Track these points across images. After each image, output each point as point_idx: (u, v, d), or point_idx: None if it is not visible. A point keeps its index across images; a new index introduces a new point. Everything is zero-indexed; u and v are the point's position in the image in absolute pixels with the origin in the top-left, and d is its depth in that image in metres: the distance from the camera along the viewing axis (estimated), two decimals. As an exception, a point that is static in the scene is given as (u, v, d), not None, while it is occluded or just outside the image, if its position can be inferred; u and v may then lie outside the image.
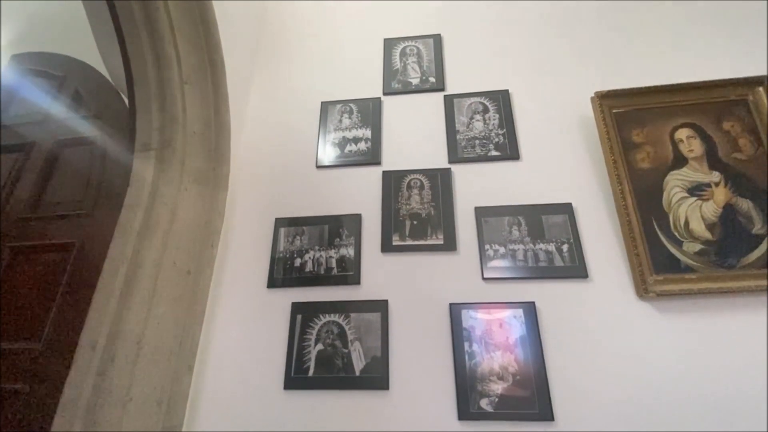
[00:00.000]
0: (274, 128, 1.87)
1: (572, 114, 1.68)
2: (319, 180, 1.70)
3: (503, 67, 1.86)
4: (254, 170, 1.77)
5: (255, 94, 1.98)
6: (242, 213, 1.67)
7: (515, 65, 1.86)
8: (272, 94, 1.97)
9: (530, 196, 1.54)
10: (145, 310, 1.30)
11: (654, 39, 1.78)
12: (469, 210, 1.55)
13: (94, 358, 1.20)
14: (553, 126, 1.68)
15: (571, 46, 1.85)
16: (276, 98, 1.96)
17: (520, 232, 1.48)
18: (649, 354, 1.27)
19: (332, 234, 1.56)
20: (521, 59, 1.86)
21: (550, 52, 1.85)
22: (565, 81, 1.77)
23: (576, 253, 1.42)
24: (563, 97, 1.73)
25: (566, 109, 1.70)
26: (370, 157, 1.71)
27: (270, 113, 1.92)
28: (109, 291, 1.27)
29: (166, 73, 1.49)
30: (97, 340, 1.22)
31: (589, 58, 1.80)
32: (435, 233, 1.51)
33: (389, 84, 1.90)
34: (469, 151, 1.67)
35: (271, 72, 2.04)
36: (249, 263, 1.56)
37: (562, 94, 1.74)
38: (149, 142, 1.48)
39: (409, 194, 1.61)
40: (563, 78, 1.78)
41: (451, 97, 1.81)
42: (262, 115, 1.91)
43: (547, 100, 1.74)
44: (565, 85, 1.76)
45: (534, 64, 1.84)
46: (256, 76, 2.03)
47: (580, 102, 1.68)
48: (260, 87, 2.00)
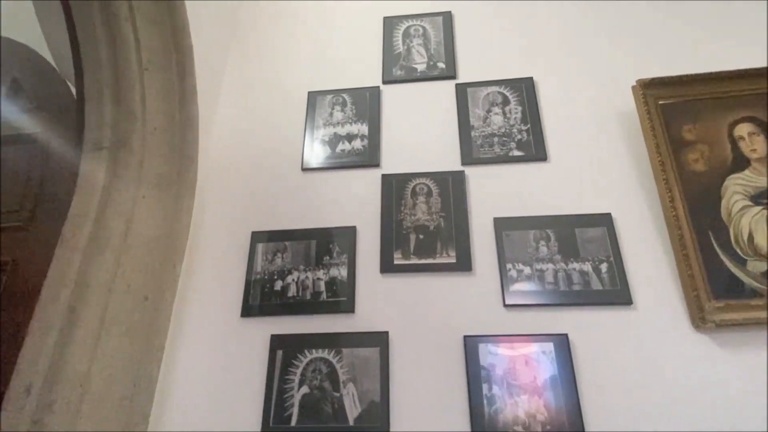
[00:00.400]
0: (251, 124, 1.87)
1: (610, 106, 1.69)
2: (305, 185, 1.70)
3: (526, 50, 1.87)
4: (227, 174, 1.76)
5: (229, 84, 1.98)
6: (212, 225, 1.67)
7: (541, 48, 1.86)
8: (249, 83, 1.98)
9: (561, 205, 1.54)
10: (91, 345, 1.28)
11: (708, 18, 1.79)
12: (487, 222, 1.55)
13: (28, 404, 1.17)
14: (587, 120, 1.68)
15: (608, 26, 1.86)
16: (254, 88, 1.96)
17: (549, 249, 1.47)
18: (707, 397, 1.25)
19: (321, 251, 1.56)
20: (548, 41, 1.87)
21: (583, 33, 1.86)
22: (601, 67, 1.77)
23: (617, 274, 1.41)
24: (599, 86, 1.74)
25: (602, 101, 1.70)
26: (367, 158, 1.71)
27: (247, 106, 1.92)
28: (48, 320, 1.25)
29: (123, 57, 1.49)
30: (33, 381, 1.19)
31: (629, 40, 1.81)
32: (446, 250, 1.51)
33: (390, 70, 1.90)
34: (486, 150, 1.67)
35: (248, 57, 2.05)
36: (219, 287, 1.56)
37: (597, 82, 1.75)
38: (101, 140, 1.47)
39: (414, 202, 1.60)
40: (598, 63, 1.78)
41: (464, 86, 1.81)
42: (238, 108, 1.92)
43: (580, 90, 1.74)
44: (600, 72, 1.76)
45: (563, 47, 1.85)
46: (231, 63, 2.04)
47: (620, 92, 1.68)
48: (235, 75, 2.01)
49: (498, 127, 1.71)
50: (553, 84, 1.78)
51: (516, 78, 1.80)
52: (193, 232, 1.63)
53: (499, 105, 1.75)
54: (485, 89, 1.79)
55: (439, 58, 1.90)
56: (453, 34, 1.95)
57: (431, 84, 1.85)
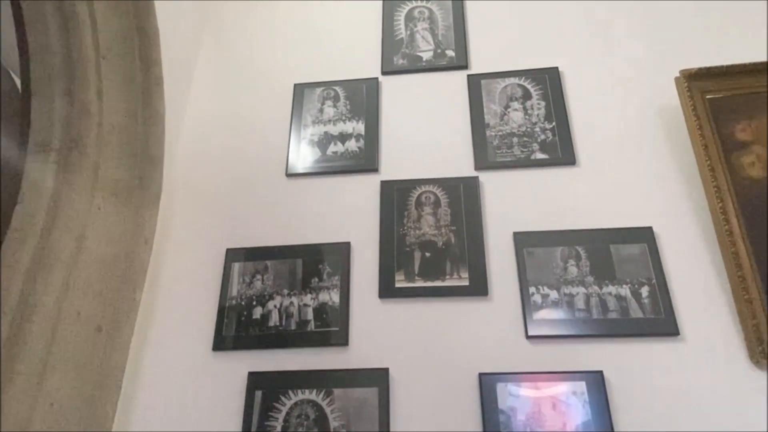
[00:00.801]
0: (226, 121, 1.88)
1: (649, 101, 1.70)
2: (290, 194, 1.70)
3: (551, 36, 1.89)
4: (198, 181, 1.77)
5: (201, 75, 2.00)
6: (179, 241, 1.66)
7: (567, 33, 1.88)
8: (225, 73, 1.99)
9: (593, 218, 1.54)
10: (33, 386, 1.26)
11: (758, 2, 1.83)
12: (506, 236, 1.54)
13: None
14: (623, 118, 1.69)
15: (646, 8, 1.88)
16: (230, 79, 1.98)
17: (579, 269, 1.46)
18: (771, 447, 1.23)
19: (308, 272, 1.55)
20: (575, 25, 1.89)
21: (616, 16, 1.88)
22: (638, 55, 1.79)
23: (661, 299, 1.40)
24: (636, 77, 1.75)
25: (640, 94, 1.71)
26: (364, 162, 1.72)
27: (221, 101, 1.93)
28: (-19, 355, 1.24)
29: (76, 42, 1.50)
30: (-39, 430, 1.18)
31: (671, 25, 1.83)
32: (457, 270, 1.50)
33: (390, 59, 1.92)
34: (505, 152, 1.67)
35: (223, 44, 2.07)
36: (187, 315, 1.55)
37: (634, 73, 1.76)
38: (49, 141, 1.48)
39: (420, 214, 1.60)
40: (635, 51, 1.80)
41: (478, 77, 1.82)
42: (211, 103, 1.93)
43: (614, 82, 1.76)
44: (638, 61, 1.78)
45: (594, 32, 1.87)
46: (204, 50, 2.06)
47: (660, 84, 1.69)
48: (209, 64, 2.02)
49: (518, 125, 1.71)
50: (582, 75, 1.79)
51: (538, 68, 1.81)
52: (157, 249, 1.63)
53: (519, 100, 1.76)
54: (502, 81, 1.81)
55: (447, 44, 1.92)
56: (464, 17, 1.97)
57: (439, 75, 1.86)
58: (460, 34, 1.93)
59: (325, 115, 1.83)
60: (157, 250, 1.63)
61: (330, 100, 1.86)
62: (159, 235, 1.64)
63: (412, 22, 1.99)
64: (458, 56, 1.88)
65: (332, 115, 1.83)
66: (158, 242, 1.63)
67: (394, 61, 1.91)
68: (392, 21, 2.00)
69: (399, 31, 1.98)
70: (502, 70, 1.83)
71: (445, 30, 1.95)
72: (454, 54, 1.89)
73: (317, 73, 1.93)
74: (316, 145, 1.77)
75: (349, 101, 1.84)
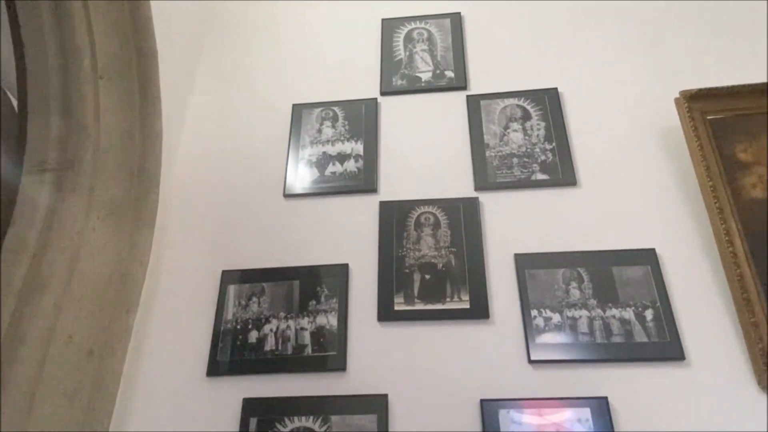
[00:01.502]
0: (224, 142, 1.91)
1: (650, 121, 1.74)
2: (287, 215, 1.72)
3: (550, 56, 1.94)
4: (194, 201, 1.79)
5: (199, 95, 2.03)
6: (174, 263, 1.68)
7: (567, 54, 1.93)
8: (223, 93, 2.03)
9: (594, 239, 1.56)
10: (23, 411, 1.26)
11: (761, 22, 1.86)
12: (507, 258, 1.56)
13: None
14: (623, 138, 1.73)
15: (645, 28, 1.94)
16: (229, 100, 2.01)
17: (582, 292, 1.48)
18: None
19: (305, 294, 1.56)
20: (575, 46, 1.95)
21: (616, 37, 1.94)
22: (638, 76, 1.84)
23: (665, 322, 1.41)
24: (636, 98, 1.80)
25: (641, 115, 1.76)
26: (362, 182, 1.74)
27: (219, 121, 1.96)
28: (-30, 379, 1.24)
29: (75, 62, 1.53)
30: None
31: (671, 46, 1.88)
32: (457, 293, 1.51)
33: (389, 80, 1.96)
34: (505, 173, 1.70)
35: (222, 64, 2.11)
36: (181, 338, 1.55)
37: (633, 93, 1.81)
38: (45, 160, 1.49)
39: (419, 235, 1.62)
40: (635, 72, 1.85)
41: (477, 97, 1.87)
42: (209, 123, 1.96)
43: (614, 103, 1.80)
44: (637, 82, 1.83)
45: (593, 53, 1.92)
46: (202, 70, 2.10)
47: (660, 105, 1.73)
48: (207, 85, 2.06)
49: (518, 146, 1.75)
50: (582, 96, 1.83)
51: (538, 89, 1.85)
52: (152, 271, 1.63)
53: (519, 120, 1.80)
54: (502, 102, 1.84)
55: (446, 65, 1.96)
56: (463, 39, 2.02)
57: (438, 96, 1.91)
58: (459, 54, 1.97)
59: (324, 136, 1.86)
60: (151, 271, 1.62)
61: (329, 120, 1.89)
62: (154, 256, 1.64)
63: (411, 43, 2.03)
64: (457, 77, 1.93)
65: (331, 135, 1.85)
66: (153, 263, 1.63)
67: (393, 81, 1.95)
68: (391, 42, 2.04)
69: (398, 52, 2.02)
70: (501, 90, 1.87)
71: (444, 51, 1.99)
72: (453, 75, 1.93)
73: (316, 94, 1.96)
74: (314, 166, 1.80)
75: (348, 122, 1.87)
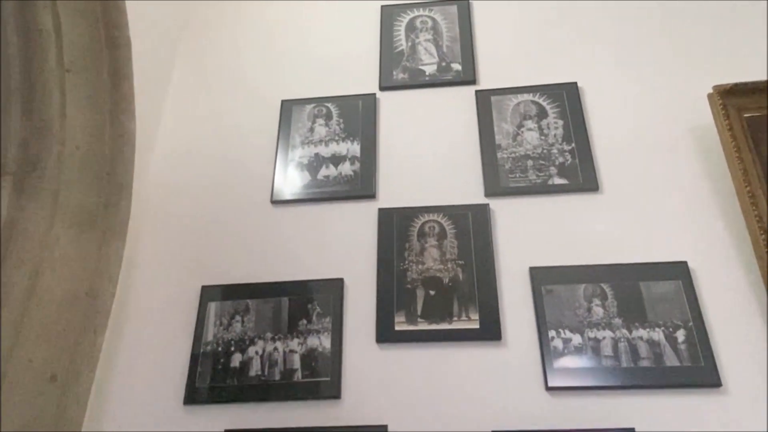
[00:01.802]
0: (205, 143, 1.88)
1: (679, 119, 1.71)
2: (275, 223, 1.70)
3: (568, 48, 1.90)
4: (171, 209, 1.76)
5: (177, 91, 2.00)
6: (148, 277, 1.65)
7: (587, 45, 1.89)
8: (204, 89, 2.00)
9: (619, 251, 1.53)
10: None
11: None
12: (521, 272, 1.53)
13: None
14: (650, 138, 1.69)
15: (674, 19, 1.90)
16: (210, 95, 1.98)
17: (605, 310, 1.45)
18: None
19: (295, 313, 1.54)
20: (596, 36, 1.91)
21: (641, 26, 1.90)
22: (666, 70, 1.80)
23: (699, 345, 1.38)
24: (664, 93, 1.76)
25: (669, 113, 1.72)
26: (359, 187, 1.72)
27: (200, 119, 1.93)
28: None
29: (39, 53, 1.50)
30: None
31: (703, 37, 1.84)
32: (465, 311, 1.48)
33: (389, 73, 1.93)
34: (518, 177, 1.67)
35: (203, 55, 2.08)
36: (155, 362, 1.53)
37: (661, 88, 1.77)
38: (4, 163, 1.46)
39: (423, 246, 1.59)
40: (662, 65, 1.81)
41: (488, 93, 1.83)
42: (188, 121, 1.93)
43: (639, 99, 1.76)
44: (665, 76, 1.79)
45: (615, 44, 1.88)
46: (181, 62, 2.06)
47: (691, 101, 1.70)
48: (186, 79, 2.03)
49: (533, 146, 1.72)
50: (604, 91, 1.80)
51: (555, 83, 1.82)
52: (123, 287, 1.62)
53: (534, 118, 1.77)
54: (515, 98, 1.81)
55: (453, 57, 1.93)
56: (471, 27, 1.98)
57: (443, 91, 1.88)
58: (467, 45, 1.94)
59: (316, 135, 1.83)
60: (122, 287, 1.61)
61: (321, 118, 1.86)
62: (125, 270, 1.63)
63: (414, 32, 2.01)
64: (465, 70, 1.90)
65: (324, 134, 1.83)
66: (124, 279, 1.62)
67: (394, 75, 1.93)
68: (391, 31, 2.02)
69: (399, 42, 1.99)
70: (514, 85, 1.85)
71: (450, 41, 1.97)
72: (460, 67, 1.91)
73: (307, 88, 1.94)
74: (305, 169, 1.77)
75: (343, 119, 1.85)
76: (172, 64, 2.06)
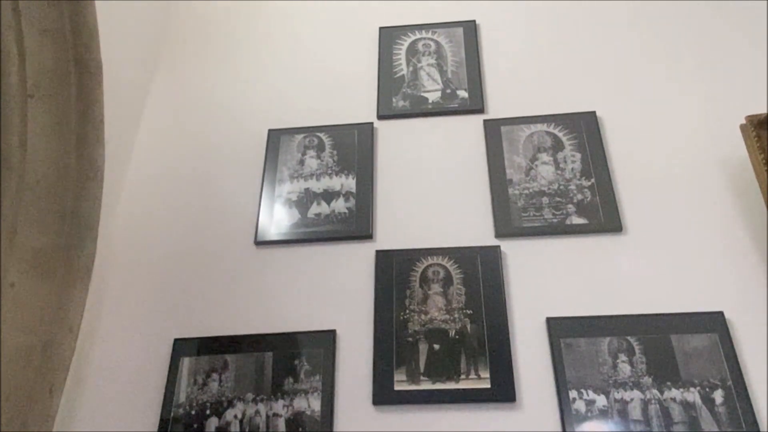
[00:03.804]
0: (181, 176, 1.89)
1: (709, 152, 1.74)
2: (259, 267, 1.70)
3: (585, 73, 1.95)
4: (141, 251, 1.76)
5: (151, 118, 2.03)
6: (113, 329, 1.65)
7: (606, 71, 1.94)
8: (181, 116, 2.03)
9: (647, 300, 1.54)
10: None
11: None
12: (537, 323, 1.54)
13: None
14: (678, 173, 1.72)
15: (701, 41, 1.95)
16: (188, 124, 2.01)
17: (633, 367, 1.44)
18: None
19: (280, 370, 1.53)
20: (616, 61, 1.96)
21: (666, 50, 1.95)
22: (694, 98, 1.84)
23: (740, 407, 1.37)
24: (692, 123, 1.79)
25: (698, 144, 1.76)
26: (355, 226, 1.73)
27: (175, 151, 1.95)
28: None
29: None
30: None
31: (733, 61, 1.89)
32: (475, 368, 1.48)
33: (388, 101, 1.96)
34: (533, 216, 1.68)
35: (182, 79, 2.11)
36: (121, 426, 1.51)
37: (689, 118, 1.81)
38: None
39: (426, 293, 1.59)
40: (689, 92, 1.86)
41: (497, 122, 1.87)
42: (162, 154, 1.95)
43: (665, 130, 1.80)
44: (693, 105, 1.83)
45: (638, 70, 1.93)
46: (157, 87, 2.10)
47: (723, 132, 1.74)
48: (161, 105, 2.06)
49: (548, 182, 1.74)
50: (626, 121, 1.83)
51: (572, 113, 1.86)
52: (84, 339, 1.60)
53: (549, 151, 1.79)
54: (527, 128, 1.85)
55: (459, 83, 1.97)
56: (479, 51, 2.03)
57: (448, 120, 1.91)
58: (474, 70, 1.98)
59: (307, 168, 1.85)
60: (83, 340, 1.59)
61: (313, 149, 1.88)
62: (87, 320, 1.60)
63: (416, 56, 2.05)
64: (472, 97, 1.93)
65: (315, 167, 1.85)
66: (86, 330, 1.60)
67: (393, 102, 1.96)
68: (391, 55, 2.06)
69: (399, 67, 2.03)
70: (526, 114, 1.88)
71: (455, 66, 2.00)
72: (466, 94, 1.94)
73: (298, 117, 1.97)
74: (294, 206, 1.78)
75: (337, 151, 1.87)
76: (147, 90, 2.08)
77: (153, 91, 2.10)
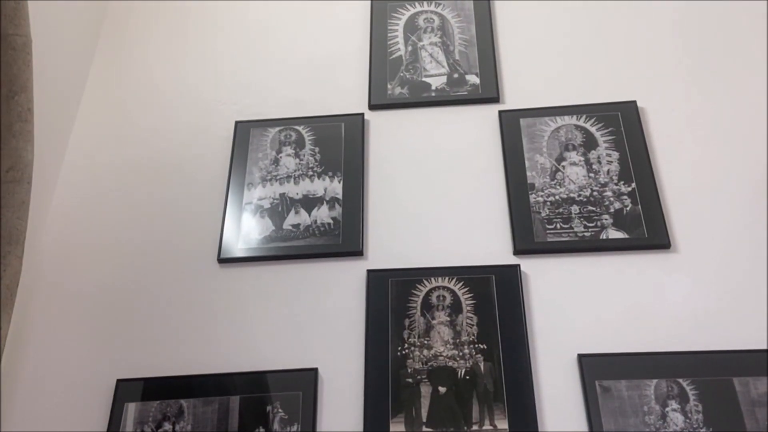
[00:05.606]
0: (127, 179, 1.88)
1: None
2: (222, 291, 1.69)
3: (623, 56, 1.93)
4: (76, 273, 1.74)
5: (90, 107, 2.01)
6: (41, 366, 1.63)
7: (648, 54, 1.92)
8: (129, 106, 2.01)
9: (702, 332, 1.52)
10: None
11: None
12: (567, 361, 1.52)
13: None
14: (737, 176, 1.69)
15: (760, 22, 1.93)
16: (135, 114, 1.99)
17: (686, 417, 1.42)
18: None
19: (249, 418, 1.51)
20: (659, 41, 1.93)
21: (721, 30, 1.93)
22: (754, 86, 1.82)
23: None
24: (753, 117, 1.77)
25: (762, 143, 1.73)
26: (341, 241, 1.71)
27: (120, 147, 1.94)
28: None
29: None
30: None
31: None
32: (489, 416, 1.46)
33: (382, 87, 1.95)
34: (560, 229, 1.66)
35: (128, 62, 2.10)
36: None
37: (749, 112, 1.78)
38: None
39: (429, 323, 1.57)
40: (747, 80, 1.83)
41: (515, 114, 1.85)
42: (104, 150, 1.93)
43: (721, 125, 1.77)
44: (753, 95, 1.80)
45: (687, 53, 1.90)
46: (96, 71, 2.08)
47: None
48: (103, 92, 2.04)
49: (578, 187, 1.72)
50: (674, 113, 1.82)
51: (608, 102, 1.84)
52: (6, 382, 1.59)
53: (579, 149, 1.78)
54: (553, 121, 1.83)
55: (468, 67, 1.95)
56: (493, 28, 2.01)
57: (456, 110, 1.89)
58: (487, 51, 1.97)
59: (283, 169, 1.83)
60: (5, 381, 1.58)
61: (290, 145, 1.87)
62: (7, 358, 1.60)
63: (415, 33, 2.04)
64: (485, 83, 1.92)
65: (293, 168, 1.83)
66: (7, 370, 1.60)
67: (389, 89, 1.94)
68: (385, 32, 2.05)
69: (396, 47, 2.02)
70: (551, 104, 1.86)
71: (465, 45, 2.00)
72: (478, 80, 1.93)
73: (271, 106, 1.96)
74: (266, 215, 1.76)
75: (320, 148, 1.86)
76: (86, 74, 2.07)
77: (92, 74, 2.09)
